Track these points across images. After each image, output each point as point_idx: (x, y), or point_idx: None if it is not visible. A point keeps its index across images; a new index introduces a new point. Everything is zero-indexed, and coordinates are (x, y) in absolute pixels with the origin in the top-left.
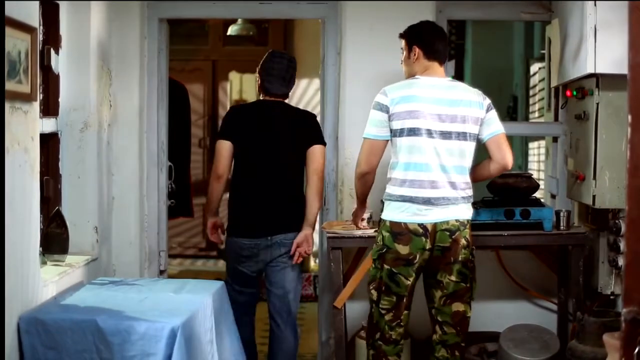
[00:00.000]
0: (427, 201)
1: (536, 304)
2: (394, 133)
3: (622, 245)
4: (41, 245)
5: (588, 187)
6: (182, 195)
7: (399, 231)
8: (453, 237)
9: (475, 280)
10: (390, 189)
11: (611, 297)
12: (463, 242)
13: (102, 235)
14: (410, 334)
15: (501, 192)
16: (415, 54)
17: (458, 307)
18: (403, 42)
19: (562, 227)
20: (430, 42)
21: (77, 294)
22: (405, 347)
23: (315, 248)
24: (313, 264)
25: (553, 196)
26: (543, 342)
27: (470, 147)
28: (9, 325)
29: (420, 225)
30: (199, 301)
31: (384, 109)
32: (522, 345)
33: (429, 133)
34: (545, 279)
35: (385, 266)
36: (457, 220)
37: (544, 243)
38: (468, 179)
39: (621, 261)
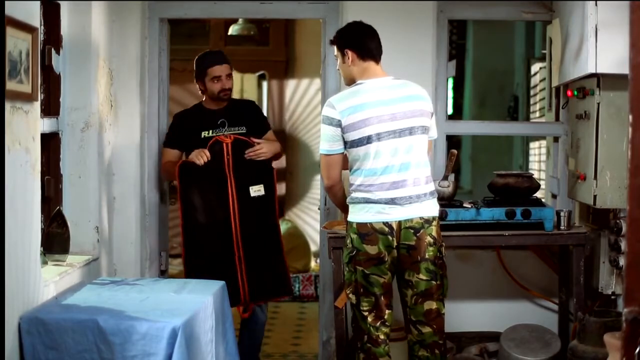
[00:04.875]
0: (390, 201)
1: (537, 303)
2: (350, 144)
3: (623, 245)
4: (42, 245)
5: (589, 187)
6: None
7: (366, 232)
8: (417, 235)
9: (447, 277)
10: (353, 193)
11: (612, 297)
12: (428, 239)
13: (103, 235)
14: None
15: (502, 192)
16: (349, 58)
17: (430, 305)
18: (335, 48)
19: (563, 227)
20: (361, 43)
21: (78, 293)
22: (404, 346)
23: (316, 248)
24: (314, 264)
25: (554, 196)
26: (544, 342)
27: (425, 140)
28: (9, 325)
29: (385, 223)
30: (200, 301)
31: (335, 122)
32: (523, 345)
33: (387, 135)
34: (546, 279)
35: (359, 268)
36: (421, 218)
37: (545, 243)
38: (429, 172)
39: (622, 261)
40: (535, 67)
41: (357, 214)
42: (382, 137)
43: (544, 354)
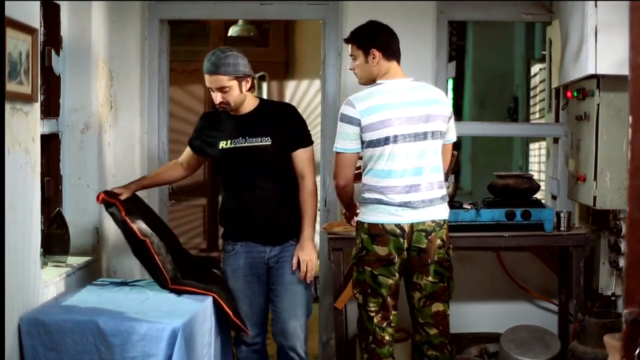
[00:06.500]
0: (403, 204)
1: (537, 304)
2: (367, 144)
3: (623, 246)
4: (42, 246)
5: (589, 188)
6: None
7: (377, 232)
8: (429, 237)
9: (453, 279)
10: (365, 194)
11: (612, 298)
12: (438, 242)
13: (103, 237)
14: (410, 334)
15: (502, 193)
16: (374, 57)
17: (438, 307)
18: (352, 47)
19: (562, 228)
20: (387, 42)
21: (78, 294)
22: (406, 347)
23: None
24: None
25: (554, 197)
26: (544, 343)
27: (440, 144)
28: (9, 326)
29: (397, 225)
30: (200, 302)
31: (355, 121)
32: (523, 346)
33: (403, 138)
34: (546, 280)
35: (367, 268)
36: (433, 221)
37: (545, 244)
38: (442, 177)
39: (622, 262)
40: (535, 68)
41: (369, 215)
42: (399, 140)
43: (544, 355)
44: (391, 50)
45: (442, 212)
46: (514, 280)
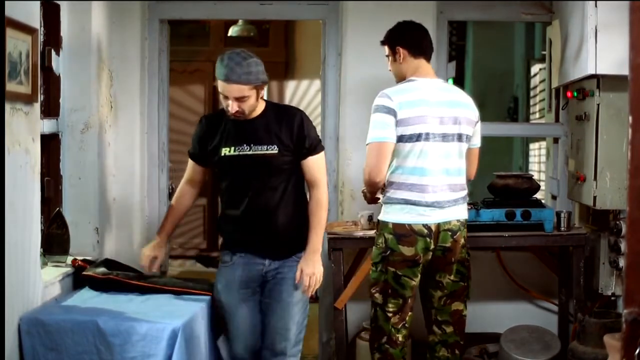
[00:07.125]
0: (431, 204)
1: (537, 304)
2: (399, 139)
3: (623, 246)
4: (42, 246)
5: (589, 188)
6: None
7: (403, 233)
8: (454, 237)
9: (471, 278)
10: (391, 192)
11: (612, 298)
12: (462, 241)
13: (103, 236)
14: (410, 334)
15: (502, 193)
16: (400, 55)
17: (457, 306)
18: (386, 48)
19: (562, 228)
20: (413, 40)
21: (78, 295)
22: (406, 347)
23: None
24: None
25: (554, 197)
26: (544, 343)
27: (465, 148)
28: (9, 326)
29: (425, 225)
30: (200, 302)
31: (392, 112)
32: (523, 346)
33: (434, 137)
34: (546, 280)
35: (390, 269)
36: (457, 221)
37: (545, 244)
38: (464, 179)
39: (622, 262)
40: (535, 68)
41: (395, 215)
42: (430, 138)
43: (544, 355)
44: (418, 48)
45: (464, 211)
46: (514, 280)
